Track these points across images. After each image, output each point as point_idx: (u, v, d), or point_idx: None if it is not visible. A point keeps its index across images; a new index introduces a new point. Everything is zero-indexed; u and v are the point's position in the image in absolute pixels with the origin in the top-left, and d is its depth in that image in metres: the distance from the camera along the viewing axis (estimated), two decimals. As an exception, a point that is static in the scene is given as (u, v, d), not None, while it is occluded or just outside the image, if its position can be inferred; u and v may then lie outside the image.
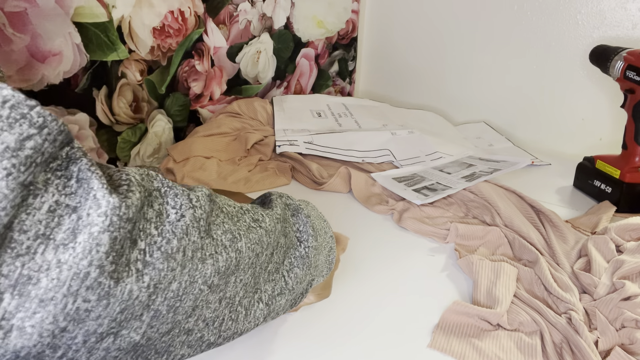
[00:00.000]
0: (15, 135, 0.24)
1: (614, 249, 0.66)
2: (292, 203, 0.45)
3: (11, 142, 0.24)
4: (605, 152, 0.85)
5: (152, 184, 0.33)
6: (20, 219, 0.25)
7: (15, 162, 0.24)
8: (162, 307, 0.31)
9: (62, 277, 0.26)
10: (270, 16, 1.09)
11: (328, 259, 0.45)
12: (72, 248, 0.26)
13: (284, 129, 1.01)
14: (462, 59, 1.20)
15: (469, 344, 0.50)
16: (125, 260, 0.28)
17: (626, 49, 0.80)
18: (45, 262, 0.25)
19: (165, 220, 0.31)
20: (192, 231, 0.33)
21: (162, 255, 0.30)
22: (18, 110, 0.25)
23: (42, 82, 0.74)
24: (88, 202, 0.27)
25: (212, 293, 0.35)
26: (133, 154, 0.91)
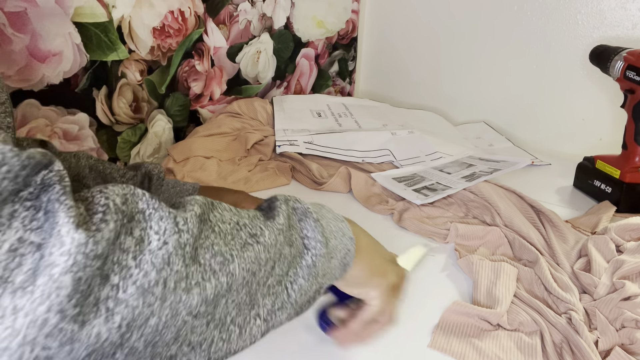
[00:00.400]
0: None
1: (614, 249, 0.66)
2: (299, 207, 0.42)
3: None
4: (605, 152, 0.85)
5: (137, 205, 0.30)
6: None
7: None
8: (138, 343, 0.29)
9: (17, 326, 0.24)
10: (270, 16, 1.09)
11: (343, 261, 0.42)
12: (30, 292, 0.24)
13: (284, 129, 1.01)
14: (462, 59, 1.20)
15: (469, 344, 0.50)
16: (94, 300, 0.26)
17: (626, 49, 0.80)
18: (0, 309, 0.24)
19: (146, 249, 0.29)
20: (175, 259, 0.30)
21: (138, 290, 0.28)
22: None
23: (42, 82, 0.74)
24: (52, 238, 0.25)
25: (198, 319, 0.33)
26: (133, 154, 0.91)
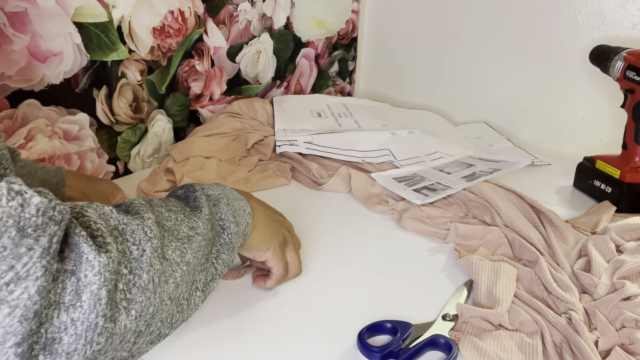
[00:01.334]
0: (47, 237, 0.30)
1: (614, 249, 0.66)
2: (212, 194, 0.49)
3: (45, 244, 0.29)
4: (605, 152, 0.85)
5: (109, 222, 0.36)
6: None
7: (49, 258, 0.30)
8: (142, 327, 0.37)
9: (79, 332, 0.32)
10: (270, 16, 1.09)
11: (244, 232, 0.51)
12: (80, 307, 0.32)
13: (284, 129, 1.01)
14: (462, 59, 1.20)
15: (470, 344, 0.50)
16: (114, 303, 0.34)
17: (626, 49, 0.80)
18: (62, 324, 0.31)
19: (131, 258, 0.36)
20: (154, 262, 0.37)
21: (139, 290, 0.36)
22: (47, 214, 0.30)
23: (43, 82, 0.74)
24: (82, 265, 0.32)
25: (173, 301, 0.41)
26: (133, 154, 0.91)
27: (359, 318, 0.55)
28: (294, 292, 0.60)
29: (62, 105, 0.78)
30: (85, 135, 0.82)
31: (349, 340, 0.52)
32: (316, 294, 0.59)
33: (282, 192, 0.86)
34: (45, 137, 0.77)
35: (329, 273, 0.63)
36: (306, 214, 0.78)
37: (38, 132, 0.76)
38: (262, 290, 0.59)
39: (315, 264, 0.65)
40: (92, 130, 0.83)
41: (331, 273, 0.63)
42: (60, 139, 0.79)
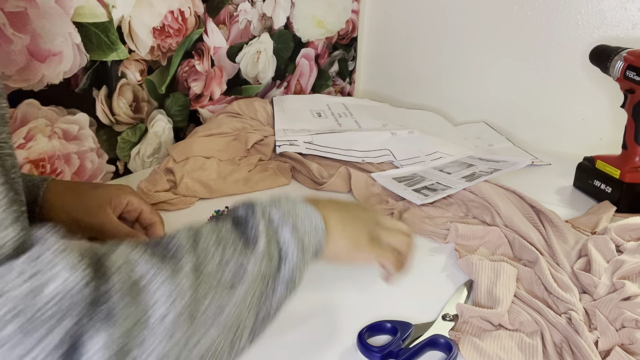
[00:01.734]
0: (62, 330, 0.28)
1: (614, 249, 0.66)
2: (276, 217, 0.43)
3: (56, 339, 0.27)
4: (605, 152, 0.85)
5: (130, 276, 0.33)
6: None
7: (61, 352, 0.28)
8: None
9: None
10: (270, 16, 1.09)
11: (315, 253, 0.45)
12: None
13: (284, 129, 1.01)
14: (462, 59, 1.20)
15: (470, 344, 0.50)
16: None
17: (626, 49, 0.80)
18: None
19: (147, 324, 0.32)
20: (180, 326, 0.33)
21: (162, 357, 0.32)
22: (64, 303, 0.28)
23: (42, 82, 0.74)
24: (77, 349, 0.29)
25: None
26: (133, 154, 0.91)
27: (359, 318, 0.55)
28: (294, 292, 0.59)
29: (62, 105, 0.78)
30: (85, 135, 0.82)
31: (349, 340, 0.52)
32: (316, 294, 0.59)
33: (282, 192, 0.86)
34: (45, 137, 0.77)
35: (328, 273, 0.63)
36: (306, 214, 0.78)
37: (38, 132, 0.76)
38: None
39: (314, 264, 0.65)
40: (92, 130, 0.83)
41: (331, 273, 0.63)
42: (60, 139, 0.79)
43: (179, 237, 0.37)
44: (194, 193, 0.81)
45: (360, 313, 0.56)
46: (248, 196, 0.84)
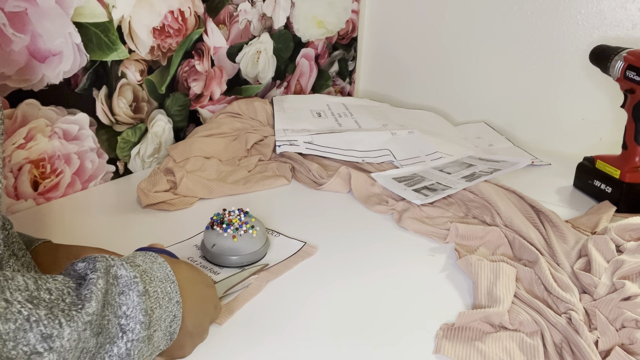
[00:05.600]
0: None
1: (614, 249, 0.66)
2: (123, 276, 0.35)
3: None
4: (605, 152, 0.85)
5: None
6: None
7: None
8: None
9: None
10: (270, 16, 1.09)
11: (169, 329, 0.38)
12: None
13: (284, 129, 1.01)
14: (462, 59, 1.20)
15: (473, 347, 0.50)
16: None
17: (626, 49, 0.80)
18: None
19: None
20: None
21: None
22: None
23: (42, 82, 0.74)
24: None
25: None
26: (133, 154, 0.91)
27: (358, 318, 0.55)
28: (293, 291, 0.59)
29: (62, 105, 0.78)
30: (85, 135, 0.82)
31: (348, 340, 0.52)
32: (315, 294, 0.59)
33: (282, 192, 0.86)
34: (45, 137, 0.77)
35: (328, 273, 0.63)
36: (306, 214, 0.78)
37: (38, 132, 0.76)
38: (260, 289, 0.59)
39: (314, 263, 0.65)
40: (92, 130, 0.83)
41: (331, 273, 0.63)
42: (60, 139, 0.79)
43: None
44: (193, 193, 0.81)
45: (360, 313, 0.56)
46: (248, 196, 0.84)
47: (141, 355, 0.35)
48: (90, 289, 0.32)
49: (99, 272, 0.34)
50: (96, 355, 0.32)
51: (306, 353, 0.50)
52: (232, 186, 0.85)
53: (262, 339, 0.52)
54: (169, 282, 0.39)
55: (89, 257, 0.35)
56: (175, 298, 0.39)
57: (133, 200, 0.81)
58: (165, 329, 0.38)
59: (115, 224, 0.74)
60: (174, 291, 0.39)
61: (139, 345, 0.34)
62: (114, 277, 0.35)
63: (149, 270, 0.38)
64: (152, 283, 0.37)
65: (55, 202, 0.80)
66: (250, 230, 0.64)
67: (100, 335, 0.32)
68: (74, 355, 0.30)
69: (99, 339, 0.32)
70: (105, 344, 0.33)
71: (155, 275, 0.38)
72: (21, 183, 0.76)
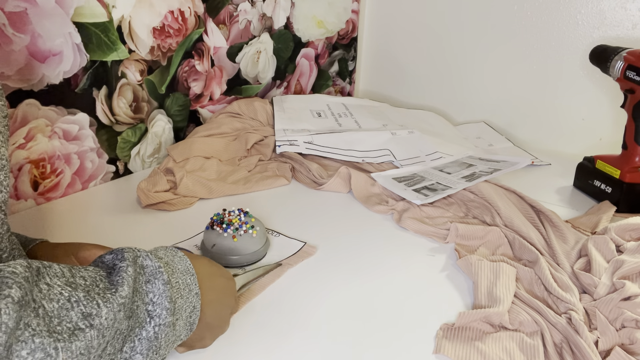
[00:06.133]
0: None
1: (614, 249, 0.66)
2: (149, 266, 0.37)
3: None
4: (605, 152, 0.85)
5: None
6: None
7: None
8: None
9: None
10: (270, 16, 1.09)
11: (189, 320, 0.40)
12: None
13: (284, 129, 1.01)
14: (462, 59, 1.20)
15: (472, 347, 0.50)
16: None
17: (626, 49, 0.80)
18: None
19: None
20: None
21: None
22: None
23: (42, 82, 0.74)
24: None
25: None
26: (133, 154, 0.91)
27: (358, 318, 0.55)
28: (294, 291, 0.59)
29: (62, 105, 0.78)
30: (85, 135, 0.82)
31: (348, 339, 0.52)
32: (315, 294, 0.59)
33: (282, 192, 0.86)
34: (45, 137, 0.77)
35: (328, 273, 0.63)
36: (306, 214, 0.78)
37: (38, 132, 0.76)
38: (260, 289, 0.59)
39: (314, 264, 0.65)
40: (92, 130, 0.83)
41: (331, 273, 0.63)
42: (60, 139, 0.79)
43: (9, 269, 0.29)
44: (193, 193, 0.81)
45: (360, 313, 0.56)
46: (248, 196, 0.84)
47: (167, 339, 0.37)
48: (121, 276, 0.35)
49: (128, 261, 0.36)
50: (127, 337, 0.35)
51: (306, 353, 0.50)
52: (232, 186, 0.85)
53: (262, 338, 0.52)
54: (188, 275, 0.41)
55: (116, 250, 0.38)
56: (194, 290, 0.41)
57: (133, 200, 0.81)
58: (186, 319, 0.40)
59: (115, 224, 0.74)
60: (193, 283, 0.41)
61: (166, 329, 0.37)
62: (141, 266, 0.37)
63: (171, 263, 0.40)
64: (174, 274, 0.39)
65: (55, 202, 0.80)
66: (250, 230, 0.64)
67: (131, 319, 0.35)
68: (110, 334, 0.33)
69: (130, 322, 0.35)
70: (135, 327, 0.35)
71: (176, 267, 0.40)
72: (21, 183, 0.76)
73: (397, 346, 0.52)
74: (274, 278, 0.61)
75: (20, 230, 0.70)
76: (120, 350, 0.34)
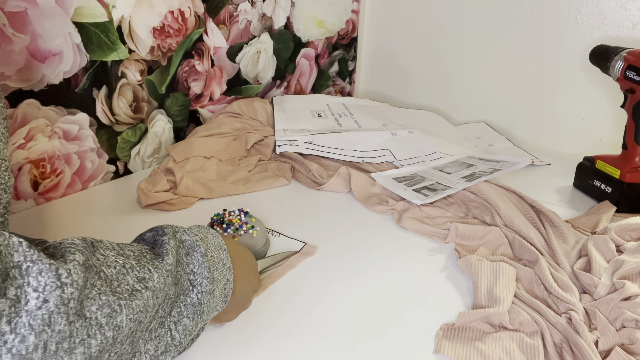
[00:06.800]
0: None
1: (614, 249, 0.66)
2: (187, 240, 0.41)
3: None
4: (605, 152, 0.85)
5: (12, 258, 0.28)
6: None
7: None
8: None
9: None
10: (270, 16, 1.09)
11: (224, 292, 0.43)
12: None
13: (284, 129, 1.01)
14: (462, 59, 1.20)
15: (472, 347, 0.50)
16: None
17: (626, 49, 0.80)
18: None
19: (23, 310, 0.27)
20: (57, 319, 0.28)
21: (14, 359, 0.27)
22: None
23: (42, 82, 0.74)
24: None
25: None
26: (133, 154, 0.91)
27: (358, 317, 0.55)
28: (294, 291, 0.59)
29: (62, 105, 0.78)
30: (85, 135, 0.82)
31: (348, 339, 0.52)
32: (315, 294, 0.59)
33: (282, 192, 0.86)
34: (45, 137, 0.77)
35: (328, 273, 0.63)
36: (306, 214, 0.78)
37: (38, 132, 0.76)
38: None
39: (314, 264, 0.65)
40: (92, 130, 0.83)
41: (331, 273, 0.63)
42: (60, 139, 0.79)
43: (69, 241, 0.33)
44: (193, 193, 0.81)
45: (360, 313, 0.56)
46: (248, 196, 0.84)
47: (209, 305, 0.41)
48: (165, 247, 0.38)
49: (168, 235, 0.40)
50: (174, 303, 0.38)
51: (306, 352, 0.50)
52: (232, 186, 0.85)
53: (262, 338, 0.52)
54: (221, 250, 0.44)
55: (154, 227, 0.41)
56: (227, 264, 0.44)
57: (133, 200, 0.81)
58: (221, 291, 0.43)
59: (115, 224, 0.74)
60: (226, 257, 0.44)
61: (207, 296, 0.40)
62: (180, 240, 0.40)
63: (205, 239, 0.43)
64: (209, 249, 0.42)
65: (55, 202, 0.80)
66: (250, 230, 0.64)
67: (177, 286, 0.38)
68: (161, 297, 0.36)
69: (176, 289, 0.38)
70: (180, 294, 0.39)
71: (210, 243, 0.43)
72: (21, 183, 0.76)
73: (397, 346, 0.52)
74: (280, 275, 0.62)
75: (20, 230, 0.70)
76: (169, 314, 0.38)
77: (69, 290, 0.29)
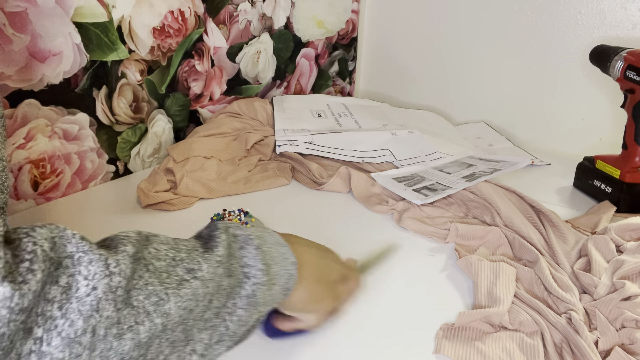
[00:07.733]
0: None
1: (614, 249, 0.66)
2: (240, 235, 0.42)
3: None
4: (605, 152, 0.85)
5: (65, 249, 0.30)
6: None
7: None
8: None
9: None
10: (270, 16, 1.09)
11: (286, 286, 0.43)
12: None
13: (284, 129, 1.01)
14: (462, 59, 1.20)
15: (472, 347, 0.50)
16: (16, 356, 0.26)
17: (626, 49, 0.80)
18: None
19: (73, 296, 0.29)
20: (105, 305, 0.30)
21: (63, 342, 0.28)
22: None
23: (42, 82, 0.74)
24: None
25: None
26: (133, 154, 0.91)
27: (358, 318, 0.55)
28: (294, 292, 0.59)
29: (62, 105, 0.78)
30: (85, 135, 0.82)
31: (348, 339, 0.52)
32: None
33: (282, 192, 0.86)
34: (45, 137, 0.77)
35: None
36: (306, 214, 0.78)
37: (38, 132, 0.76)
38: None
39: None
40: (92, 130, 0.83)
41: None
42: (60, 139, 0.79)
43: (123, 234, 0.35)
44: (193, 193, 0.81)
45: (360, 313, 0.56)
46: (248, 196, 0.84)
47: (264, 297, 0.41)
48: (216, 241, 0.40)
49: (220, 230, 0.41)
50: (230, 295, 0.39)
51: (305, 353, 0.50)
52: (232, 186, 0.85)
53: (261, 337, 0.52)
54: (281, 246, 0.44)
55: (210, 224, 0.43)
56: (290, 259, 0.44)
57: (133, 200, 0.81)
58: (283, 285, 0.43)
59: (115, 224, 0.74)
60: (288, 252, 0.44)
61: (262, 287, 0.40)
62: (233, 235, 0.41)
63: (261, 236, 0.43)
64: (265, 244, 0.42)
65: (55, 202, 0.80)
66: (250, 230, 0.63)
67: (231, 278, 0.39)
68: (213, 287, 0.37)
69: (230, 281, 0.39)
70: (235, 287, 0.39)
71: (266, 239, 0.43)
72: (21, 183, 0.76)
73: (397, 346, 0.52)
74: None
75: (20, 230, 0.70)
76: (224, 305, 0.38)
77: (116, 279, 0.31)
